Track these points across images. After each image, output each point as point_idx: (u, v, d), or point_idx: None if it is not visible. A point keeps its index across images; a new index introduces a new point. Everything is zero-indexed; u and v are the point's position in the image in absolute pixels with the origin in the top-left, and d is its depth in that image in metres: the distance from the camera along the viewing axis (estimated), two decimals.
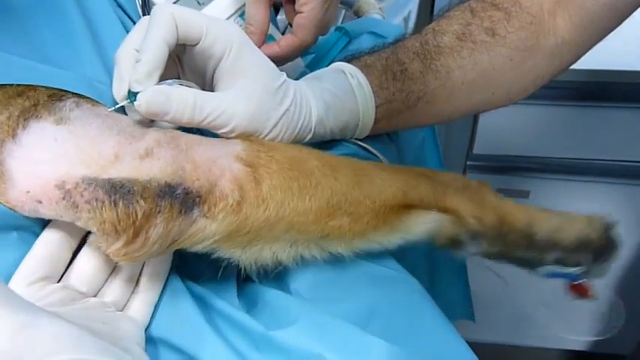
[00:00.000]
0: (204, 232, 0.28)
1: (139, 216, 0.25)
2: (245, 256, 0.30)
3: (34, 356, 0.20)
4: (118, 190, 0.25)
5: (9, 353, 0.20)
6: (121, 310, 0.29)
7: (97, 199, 0.25)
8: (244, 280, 0.33)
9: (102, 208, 0.25)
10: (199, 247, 0.28)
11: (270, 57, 0.33)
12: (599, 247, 0.38)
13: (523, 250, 0.38)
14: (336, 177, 0.31)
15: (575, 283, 0.40)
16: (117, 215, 0.25)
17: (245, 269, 0.30)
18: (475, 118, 0.80)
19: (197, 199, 0.27)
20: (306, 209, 0.30)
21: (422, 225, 0.35)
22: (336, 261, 0.33)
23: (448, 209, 0.35)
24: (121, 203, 0.25)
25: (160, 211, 0.26)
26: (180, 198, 0.26)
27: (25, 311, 0.21)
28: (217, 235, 0.28)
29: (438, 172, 0.38)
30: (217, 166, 0.28)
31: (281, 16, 0.55)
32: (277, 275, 0.32)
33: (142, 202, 0.26)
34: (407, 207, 0.34)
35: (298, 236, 0.31)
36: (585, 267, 0.38)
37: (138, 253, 0.26)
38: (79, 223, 0.26)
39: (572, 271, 0.38)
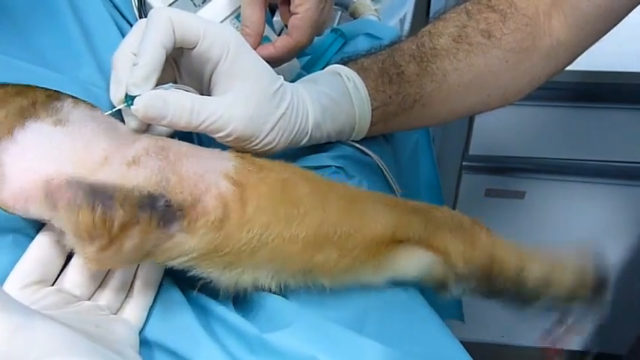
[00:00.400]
0: (182, 247, 0.27)
1: (116, 225, 0.25)
2: (224, 277, 0.29)
3: (29, 358, 0.20)
4: (98, 195, 0.25)
5: (3, 355, 0.20)
6: (115, 314, 0.29)
7: (75, 202, 0.25)
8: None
9: (79, 211, 0.25)
10: (175, 263, 0.28)
11: (265, 58, 0.33)
12: (588, 298, 0.37)
13: (511, 295, 0.37)
14: (326, 208, 0.30)
15: (549, 338, 0.39)
16: (93, 220, 0.25)
17: (223, 291, 0.29)
18: (471, 119, 0.80)
19: (178, 213, 0.26)
20: (292, 237, 0.29)
21: (410, 264, 0.34)
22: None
23: (437, 248, 0.34)
24: (99, 209, 0.25)
25: (137, 223, 0.25)
26: (161, 210, 0.26)
27: (20, 313, 0.21)
28: (195, 252, 0.27)
29: (432, 208, 0.37)
30: (204, 181, 0.28)
31: (277, 18, 0.55)
32: None
33: (120, 210, 0.25)
34: (396, 243, 0.33)
35: (282, 267, 0.30)
36: (573, 312, 0.38)
37: (110, 260, 0.26)
38: (55, 223, 0.26)
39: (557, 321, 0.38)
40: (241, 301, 0.31)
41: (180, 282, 0.31)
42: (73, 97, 0.29)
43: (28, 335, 0.20)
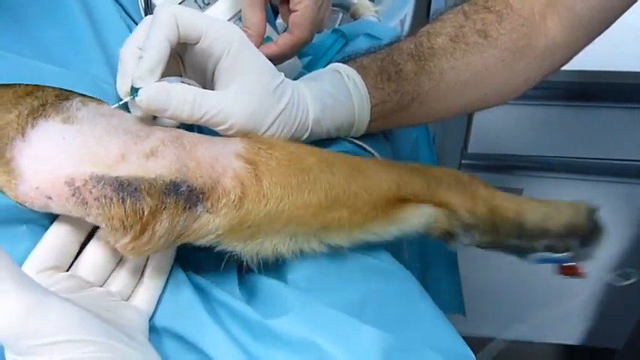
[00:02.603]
0: (207, 226, 0.29)
1: (146, 212, 0.27)
2: (247, 249, 0.31)
3: (43, 335, 0.21)
4: (125, 188, 0.27)
5: (19, 331, 0.21)
6: (126, 300, 0.30)
7: (105, 197, 0.26)
8: (245, 272, 0.34)
9: (110, 205, 0.26)
10: (203, 241, 0.29)
11: (268, 56, 0.34)
12: (585, 232, 0.39)
13: (514, 239, 0.39)
14: (333, 172, 0.32)
15: (566, 265, 0.41)
16: (124, 212, 0.26)
17: (246, 262, 0.31)
18: (469, 118, 0.81)
19: (200, 196, 0.28)
20: (305, 203, 0.31)
21: (417, 218, 0.36)
22: (331, 253, 0.34)
23: (442, 203, 0.36)
24: (128, 200, 0.26)
25: (165, 208, 0.27)
26: (185, 195, 0.28)
27: (36, 292, 0.22)
28: (220, 230, 0.29)
29: (431, 167, 0.39)
30: (219, 163, 0.29)
31: (280, 20, 0.56)
32: (276, 267, 0.33)
33: (148, 199, 0.27)
34: (402, 201, 0.35)
35: (298, 229, 0.32)
36: (574, 251, 0.40)
37: (145, 247, 0.27)
38: (88, 219, 0.27)
39: (562, 256, 0.40)
40: (247, 288, 0.33)
41: (187, 270, 0.32)
42: (81, 95, 0.30)
43: (43, 313, 0.21)
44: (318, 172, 0.32)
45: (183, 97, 0.30)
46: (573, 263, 0.41)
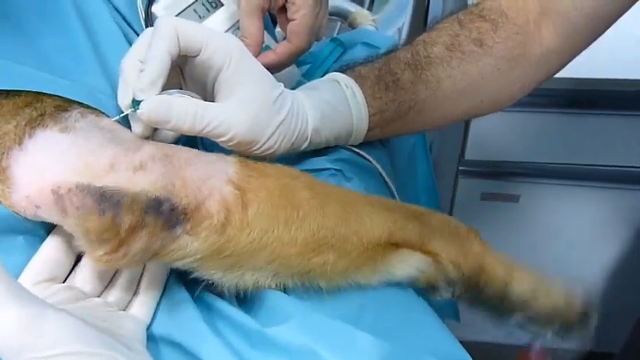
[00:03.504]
0: (186, 249, 0.28)
1: (124, 228, 0.26)
2: (226, 279, 0.30)
3: (41, 346, 0.21)
4: (107, 200, 0.26)
5: (17, 343, 0.21)
6: (123, 310, 0.30)
7: (85, 206, 0.26)
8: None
9: (88, 216, 0.26)
10: (180, 264, 0.29)
11: (267, 64, 0.35)
12: (570, 322, 0.38)
13: (494, 304, 0.38)
14: (324, 212, 0.31)
15: (529, 352, 0.39)
16: (101, 225, 0.26)
17: (227, 291, 0.31)
18: (467, 125, 0.82)
19: (182, 217, 0.27)
20: (291, 240, 0.30)
21: (403, 270, 0.35)
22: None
23: (430, 253, 0.35)
24: (108, 213, 0.26)
25: (144, 226, 0.27)
26: (166, 214, 0.27)
27: (34, 304, 0.22)
28: (199, 254, 0.28)
29: (429, 213, 0.38)
30: (207, 185, 0.29)
31: (279, 29, 0.56)
32: None
33: (127, 215, 0.26)
34: (392, 247, 0.34)
35: (280, 269, 0.31)
36: (551, 334, 0.38)
37: (119, 262, 0.27)
38: (66, 228, 0.27)
39: (534, 338, 0.39)
40: (243, 297, 0.33)
41: (185, 280, 0.32)
42: (80, 106, 0.30)
43: (40, 326, 0.21)
44: (309, 209, 0.31)
45: (184, 110, 0.30)
46: (543, 346, 0.39)
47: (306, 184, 0.32)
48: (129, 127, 0.32)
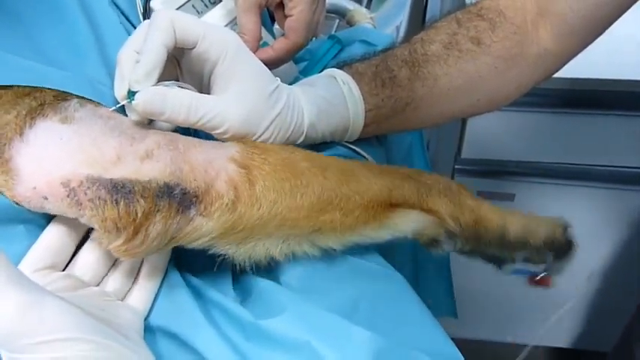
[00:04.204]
0: (201, 229, 0.29)
1: (139, 215, 0.27)
2: (239, 252, 0.31)
3: (38, 333, 0.22)
4: (119, 190, 0.27)
5: (15, 330, 0.21)
6: (122, 300, 0.30)
7: (99, 198, 0.27)
8: (240, 272, 0.34)
9: (104, 207, 0.27)
10: (196, 244, 0.30)
11: (265, 60, 0.35)
12: (560, 247, 0.41)
13: (495, 249, 0.40)
14: (325, 176, 0.33)
15: (538, 277, 0.43)
16: (118, 214, 0.27)
17: (239, 265, 0.32)
18: (463, 124, 0.82)
19: (194, 199, 0.28)
20: (298, 206, 0.31)
21: (407, 223, 0.36)
22: (323, 256, 0.34)
23: (430, 210, 0.37)
24: (122, 202, 0.27)
25: (158, 210, 0.27)
26: (178, 197, 0.28)
27: (33, 291, 0.22)
28: (214, 233, 0.29)
29: (421, 173, 0.40)
30: (213, 167, 0.30)
31: (278, 26, 0.57)
32: (269, 269, 0.33)
33: (141, 201, 0.27)
34: (393, 205, 0.35)
35: (290, 232, 0.32)
36: (548, 264, 0.41)
37: (138, 249, 0.28)
38: (82, 220, 0.28)
39: (536, 268, 0.42)
40: (242, 288, 0.33)
41: (181, 270, 0.33)
42: (79, 96, 0.30)
43: (38, 312, 0.22)
44: (311, 176, 0.32)
45: (179, 101, 0.30)
46: (546, 275, 0.43)
47: (304, 156, 0.34)
48: (125, 116, 0.32)
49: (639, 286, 0.86)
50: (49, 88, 0.30)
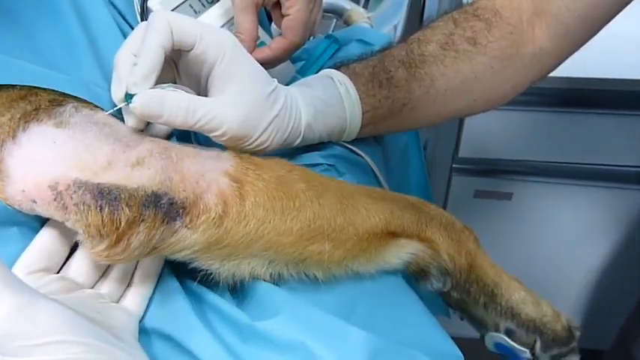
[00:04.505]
0: (184, 242, 0.28)
1: (123, 223, 0.26)
2: (223, 268, 0.30)
3: (31, 336, 0.22)
4: (105, 196, 0.26)
5: (7, 332, 0.21)
6: (116, 302, 0.30)
7: (84, 203, 0.26)
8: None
9: (88, 212, 0.26)
10: (179, 256, 0.29)
11: (262, 60, 0.35)
12: (554, 341, 0.38)
13: (481, 308, 0.39)
14: (321, 202, 0.32)
15: None
16: (102, 220, 0.26)
17: (222, 281, 0.31)
18: (460, 123, 0.83)
19: (180, 210, 0.28)
20: (287, 230, 0.30)
21: (399, 257, 0.35)
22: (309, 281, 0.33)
23: (427, 239, 0.36)
24: (106, 209, 0.26)
25: (143, 220, 0.27)
26: (165, 208, 0.27)
27: (24, 293, 0.22)
28: (197, 246, 0.29)
29: (427, 204, 0.38)
30: (205, 179, 0.29)
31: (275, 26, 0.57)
32: None
33: (126, 209, 0.26)
34: (388, 235, 0.34)
35: (276, 257, 0.31)
36: (531, 350, 0.38)
37: (119, 256, 0.27)
38: (67, 224, 0.27)
39: (518, 349, 0.38)
40: (235, 290, 0.33)
41: (177, 272, 0.32)
42: (75, 100, 0.30)
43: (31, 314, 0.22)
44: (305, 200, 0.31)
45: (177, 104, 0.30)
46: None
47: (302, 176, 0.33)
48: (123, 120, 0.32)
49: (636, 285, 0.86)
50: (45, 91, 0.29)
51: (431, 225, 0.36)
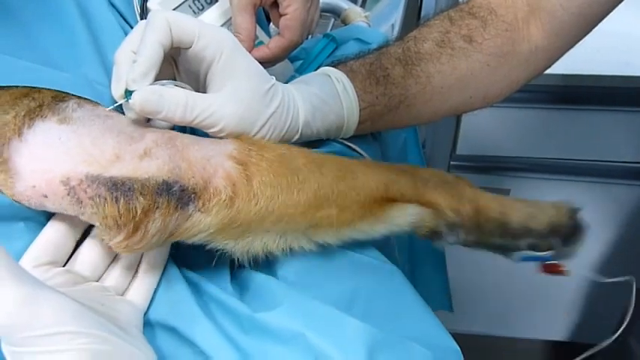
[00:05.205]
0: (199, 225, 0.29)
1: (139, 212, 0.27)
2: (237, 247, 0.32)
3: (37, 327, 0.22)
4: (119, 188, 0.27)
5: (12, 323, 0.22)
6: (121, 295, 0.31)
7: (99, 196, 0.27)
8: (238, 267, 0.35)
9: (104, 204, 0.27)
10: (195, 239, 0.30)
11: (260, 58, 0.35)
12: (567, 231, 0.40)
13: (498, 238, 0.40)
14: (322, 172, 0.33)
15: (549, 263, 0.42)
16: (118, 211, 0.27)
17: (237, 259, 0.32)
18: (458, 120, 0.83)
19: (192, 196, 0.29)
20: (295, 202, 0.32)
21: (405, 217, 0.37)
22: (321, 250, 0.35)
23: (428, 203, 0.37)
24: (122, 200, 0.27)
25: (157, 207, 0.28)
26: (177, 194, 0.28)
27: (31, 285, 0.22)
28: (212, 228, 0.30)
29: (418, 168, 0.40)
30: (211, 164, 0.30)
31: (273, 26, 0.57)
32: (266, 264, 0.34)
33: (141, 198, 0.27)
34: (390, 200, 0.36)
35: (287, 228, 0.32)
36: (556, 250, 0.41)
37: (138, 245, 0.28)
38: (83, 218, 0.28)
39: (545, 254, 0.41)
40: (239, 283, 0.34)
41: (180, 265, 0.33)
42: (77, 96, 0.30)
43: (38, 305, 0.22)
44: (307, 172, 0.33)
45: (175, 100, 0.31)
46: (556, 261, 0.42)
47: (301, 152, 0.34)
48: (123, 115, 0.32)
49: (633, 279, 0.87)
50: (47, 89, 0.30)
51: (427, 188, 0.38)
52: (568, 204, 0.41)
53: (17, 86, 0.29)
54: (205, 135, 0.34)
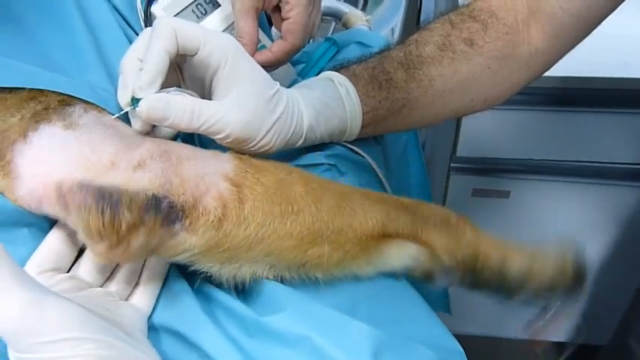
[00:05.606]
0: (184, 244, 0.29)
1: (123, 227, 0.26)
2: (223, 271, 0.31)
3: (43, 332, 0.22)
4: (107, 199, 0.27)
5: (18, 328, 0.22)
6: (125, 300, 0.31)
7: (85, 205, 0.27)
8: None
9: (89, 214, 0.26)
10: (179, 259, 0.30)
11: (263, 62, 0.35)
12: (569, 285, 0.39)
13: (495, 288, 0.39)
14: (318, 206, 0.32)
15: (537, 324, 0.41)
16: (102, 223, 0.26)
17: (224, 283, 0.31)
18: (458, 123, 0.83)
19: (180, 213, 0.28)
20: (287, 233, 0.31)
21: (398, 256, 0.36)
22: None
23: (425, 243, 0.36)
24: (107, 212, 0.26)
25: (143, 224, 0.27)
26: (164, 211, 0.28)
27: (36, 290, 0.22)
28: (196, 249, 0.29)
29: (421, 203, 0.39)
30: (204, 182, 0.29)
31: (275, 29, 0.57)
32: None
33: (127, 213, 0.27)
34: (385, 237, 0.35)
35: (277, 262, 0.32)
36: (554, 300, 0.40)
37: (119, 257, 0.28)
38: (69, 224, 0.28)
39: (540, 311, 0.40)
40: (241, 287, 0.34)
41: (184, 271, 0.33)
42: (83, 101, 0.31)
43: (43, 311, 0.22)
44: (303, 203, 0.32)
45: (182, 107, 0.31)
46: (552, 312, 0.41)
47: (300, 179, 0.33)
48: (129, 124, 0.32)
49: (634, 280, 0.87)
50: (54, 93, 0.30)
51: (426, 227, 0.36)
52: (574, 252, 0.39)
53: (24, 90, 0.30)
54: (210, 141, 0.34)
